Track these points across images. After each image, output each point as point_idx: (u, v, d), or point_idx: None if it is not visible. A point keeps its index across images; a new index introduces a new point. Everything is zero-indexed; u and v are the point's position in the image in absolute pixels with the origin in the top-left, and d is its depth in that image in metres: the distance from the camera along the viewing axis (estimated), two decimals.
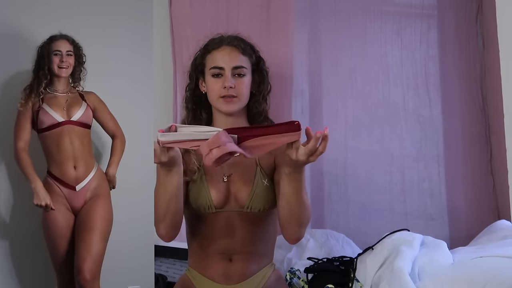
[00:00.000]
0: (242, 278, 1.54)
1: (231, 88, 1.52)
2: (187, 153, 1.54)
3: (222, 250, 1.54)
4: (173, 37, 2.19)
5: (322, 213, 2.22)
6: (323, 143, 1.27)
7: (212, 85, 1.54)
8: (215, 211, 1.51)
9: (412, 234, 1.71)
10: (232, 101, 1.53)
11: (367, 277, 1.59)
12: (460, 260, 1.59)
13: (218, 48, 1.57)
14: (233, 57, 1.55)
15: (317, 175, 2.22)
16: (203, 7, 2.18)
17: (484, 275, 1.39)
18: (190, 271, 1.60)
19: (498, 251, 1.57)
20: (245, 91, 1.55)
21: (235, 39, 1.59)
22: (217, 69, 1.54)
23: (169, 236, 1.49)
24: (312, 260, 1.76)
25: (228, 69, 1.53)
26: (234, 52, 1.56)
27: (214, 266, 1.55)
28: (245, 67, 1.56)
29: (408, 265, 1.52)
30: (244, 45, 1.58)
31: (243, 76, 1.55)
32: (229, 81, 1.52)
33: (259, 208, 1.50)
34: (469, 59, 2.21)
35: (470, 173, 2.20)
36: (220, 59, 1.54)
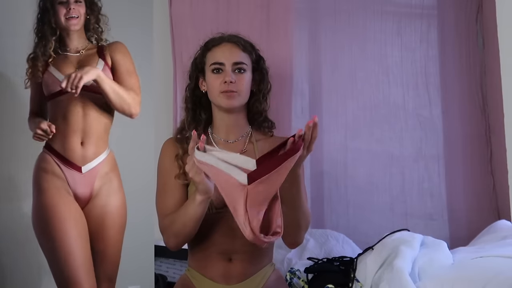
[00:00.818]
0: (242, 278, 1.54)
1: (231, 83, 1.52)
2: (186, 154, 1.54)
3: (222, 250, 1.54)
4: (173, 37, 2.19)
5: (322, 213, 2.22)
6: (315, 130, 1.27)
7: (213, 81, 1.54)
8: (215, 212, 1.51)
9: (412, 234, 1.71)
10: (233, 95, 1.53)
11: (367, 277, 1.59)
12: (460, 260, 1.58)
13: (218, 45, 1.57)
14: (233, 53, 1.55)
15: (317, 175, 2.22)
16: (203, 7, 2.18)
17: (484, 275, 1.38)
18: (190, 271, 1.60)
19: (498, 251, 1.57)
20: (245, 87, 1.55)
21: (235, 36, 1.60)
22: (217, 65, 1.54)
23: (177, 248, 1.50)
24: (312, 260, 1.76)
25: (228, 64, 1.53)
26: (234, 48, 1.56)
27: (214, 266, 1.54)
28: (246, 64, 1.56)
29: (408, 265, 1.52)
30: (244, 43, 1.59)
31: (244, 72, 1.55)
32: (230, 76, 1.52)
33: None
34: (469, 59, 2.21)
35: (470, 173, 2.20)
36: (221, 55, 1.55)
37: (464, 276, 1.42)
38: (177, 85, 2.18)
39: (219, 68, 1.54)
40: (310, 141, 1.27)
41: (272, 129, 1.65)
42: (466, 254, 1.64)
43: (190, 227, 1.43)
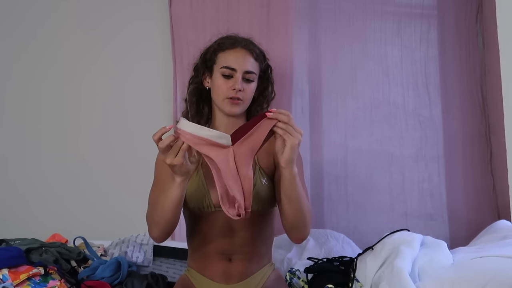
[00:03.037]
0: (242, 277, 1.54)
1: (239, 91, 1.52)
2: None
3: (222, 250, 1.54)
4: (173, 37, 2.19)
5: (322, 213, 2.22)
6: (281, 116, 1.32)
7: (221, 84, 1.54)
8: (214, 210, 1.51)
9: (412, 234, 1.71)
10: (238, 103, 1.53)
11: (367, 277, 1.59)
12: (460, 260, 1.58)
13: (232, 49, 1.56)
14: (246, 61, 1.55)
15: (317, 175, 2.22)
16: (203, 7, 2.18)
17: (484, 275, 1.38)
18: (190, 271, 1.60)
19: (498, 251, 1.57)
20: (250, 96, 1.57)
21: (251, 43, 1.59)
22: (229, 70, 1.53)
23: (160, 239, 1.48)
24: (312, 260, 1.75)
25: (240, 71, 1.53)
26: (248, 56, 1.56)
27: (214, 266, 1.54)
28: (255, 73, 1.57)
29: (408, 265, 1.52)
30: (258, 52, 1.59)
31: (251, 82, 1.56)
32: (239, 84, 1.52)
33: (257, 207, 1.50)
34: (469, 59, 2.21)
35: (470, 173, 2.20)
36: (234, 60, 1.54)
37: (464, 276, 1.42)
38: (177, 85, 2.18)
39: (230, 74, 1.53)
40: (293, 129, 1.31)
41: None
42: (466, 254, 1.63)
43: (170, 212, 1.41)
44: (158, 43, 2.24)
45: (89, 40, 2.27)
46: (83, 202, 2.23)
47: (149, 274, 1.72)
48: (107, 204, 2.22)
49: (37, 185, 2.25)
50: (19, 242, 1.80)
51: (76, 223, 2.18)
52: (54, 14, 2.28)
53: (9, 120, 2.27)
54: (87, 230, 2.03)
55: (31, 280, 1.57)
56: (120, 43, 2.26)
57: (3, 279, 1.53)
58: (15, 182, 2.26)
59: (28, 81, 2.27)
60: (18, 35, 2.27)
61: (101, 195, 2.23)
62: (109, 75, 2.26)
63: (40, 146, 2.26)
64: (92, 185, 2.24)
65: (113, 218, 2.20)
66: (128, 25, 2.27)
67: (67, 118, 2.26)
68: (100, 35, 2.27)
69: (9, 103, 2.28)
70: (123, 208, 2.20)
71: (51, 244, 1.83)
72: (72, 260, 1.81)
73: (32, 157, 2.25)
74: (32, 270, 1.59)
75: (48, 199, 2.24)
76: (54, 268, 1.63)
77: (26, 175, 2.26)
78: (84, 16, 2.27)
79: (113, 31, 2.27)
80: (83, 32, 2.27)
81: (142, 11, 2.26)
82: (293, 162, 1.35)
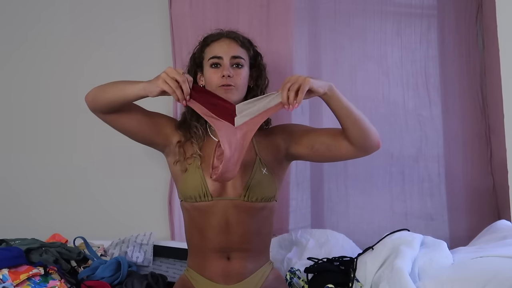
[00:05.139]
0: (241, 277, 1.54)
1: (229, 77, 1.53)
2: (188, 142, 1.57)
3: (220, 248, 1.54)
4: (173, 37, 2.19)
5: (322, 213, 2.22)
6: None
7: (211, 75, 1.57)
8: (211, 200, 1.51)
9: (412, 234, 1.71)
10: (231, 89, 1.55)
11: (367, 277, 1.59)
12: (460, 260, 1.58)
13: (217, 40, 1.60)
14: (231, 48, 1.58)
15: (317, 175, 2.22)
16: (203, 7, 2.18)
17: (484, 275, 1.38)
18: (189, 271, 1.60)
19: (498, 251, 1.57)
20: (242, 81, 1.58)
21: (234, 32, 1.63)
22: (215, 59, 1.57)
23: (89, 100, 1.54)
24: (312, 260, 1.75)
25: (226, 58, 1.56)
26: (232, 43, 1.59)
27: (213, 266, 1.55)
28: (243, 58, 1.59)
29: (408, 265, 1.52)
30: (242, 39, 1.62)
31: (241, 67, 1.58)
32: (228, 70, 1.54)
33: (256, 197, 1.50)
34: (469, 59, 2.21)
35: (470, 173, 2.20)
36: (219, 49, 1.57)
37: (464, 276, 1.42)
38: None
39: (217, 62, 1.56)
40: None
41: (268, 124, 1.69)
42: (466, 254, 1.63)
43: (114, 98, 1.46)
44: (158, 43, 2.24)
45: (88, 40, 2.26)
46: (83, 202, 2.23)
47: (149, 274, 1.72)
48: (107, 204, 2.22)
49: (37, 185, 2.25)
50: (19, 242, 1.80)
51: (76, 223, 2.17)
52: (54, 14, 2.28)
53: (8, 119, 2.27)
54: (87, 230, 2.02)
55: (31, 280, 1.57)
56: (120, 43, 2.26)
57: (3, 279, 1.53)
58: (15, 182, 2.25)
59: (24, 79, 2.27)
60: (15, 29, 2.26)
61: (101, 195, 2.23)
62: (109, 74, 2.25)
63: (40, 146, 2.26)
64: (92, 185, 2.24)
65: (113, 218, 2.20)
66: (128, 25, 2.26)
67: (66, 118, 2.26)
68: (100, 35, 2.26)
69: (8, 102, 2.28)
70: (123, 208, 2.20)
71: (51, 244, 1.83)
72: (72, 260, 1.81)
73: (32, 157, 2.25)
74: (32, 270, 1.59)
75: (48, 199, 2.24)
76: (54, 268, 1.63)
77: (26, 175, 2.26)
78: (84, 16, 2.27)
79: (113, 31, 2.27)
80: (82, 32, 2.27)
81: (142, 11, 2.26)
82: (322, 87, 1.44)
